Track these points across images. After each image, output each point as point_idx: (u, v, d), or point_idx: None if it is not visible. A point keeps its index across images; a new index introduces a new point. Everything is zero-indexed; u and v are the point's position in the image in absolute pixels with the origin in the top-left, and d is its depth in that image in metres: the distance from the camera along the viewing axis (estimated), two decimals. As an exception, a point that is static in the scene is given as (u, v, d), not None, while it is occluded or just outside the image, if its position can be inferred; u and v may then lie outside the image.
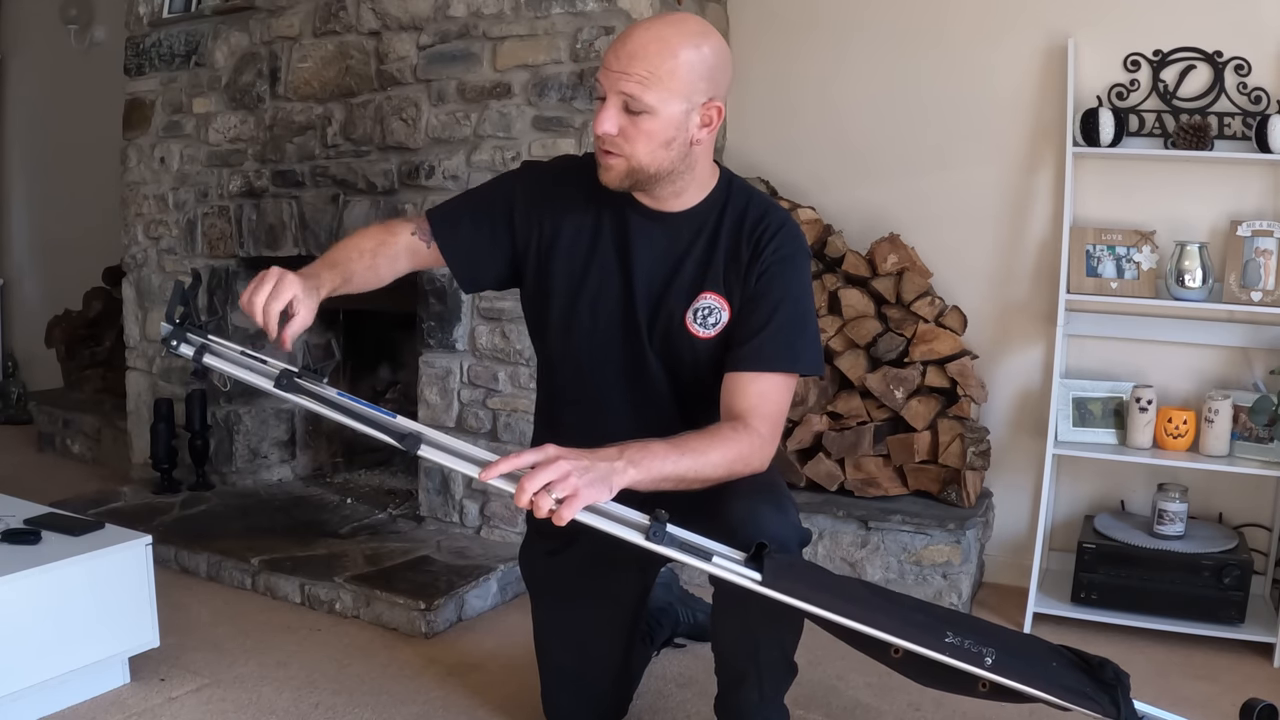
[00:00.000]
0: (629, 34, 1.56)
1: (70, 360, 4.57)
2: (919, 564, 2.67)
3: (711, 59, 1.56)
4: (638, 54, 1.52)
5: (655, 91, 1.52)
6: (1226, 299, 2.57)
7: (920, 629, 1.38)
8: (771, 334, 1.62)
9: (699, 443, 1.52)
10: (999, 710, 2.10)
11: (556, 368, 1.81)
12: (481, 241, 1.75)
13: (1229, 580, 2.46)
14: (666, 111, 1.54)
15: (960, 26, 2.90)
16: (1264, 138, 2.48)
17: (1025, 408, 2.92)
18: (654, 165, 1.59)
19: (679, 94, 1.54)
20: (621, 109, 1.55)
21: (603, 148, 1.59)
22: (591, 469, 1.38)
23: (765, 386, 1.61)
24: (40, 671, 1.99)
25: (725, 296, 1.66)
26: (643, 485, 1.44)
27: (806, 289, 1.68)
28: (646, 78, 1.52)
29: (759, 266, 1.64)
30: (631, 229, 1.70)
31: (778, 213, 1.70)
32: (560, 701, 1.95)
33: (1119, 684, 1.39)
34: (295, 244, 3.21)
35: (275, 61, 3.21)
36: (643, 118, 1.54)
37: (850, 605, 1.39)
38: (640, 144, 1.56)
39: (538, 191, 1.75)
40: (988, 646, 1.37)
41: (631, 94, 1.53)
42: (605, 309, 1.71)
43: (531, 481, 1.35)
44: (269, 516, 3.16)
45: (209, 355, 1.51)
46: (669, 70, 1.52)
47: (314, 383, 1.48)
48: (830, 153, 3.09)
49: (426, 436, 1.45)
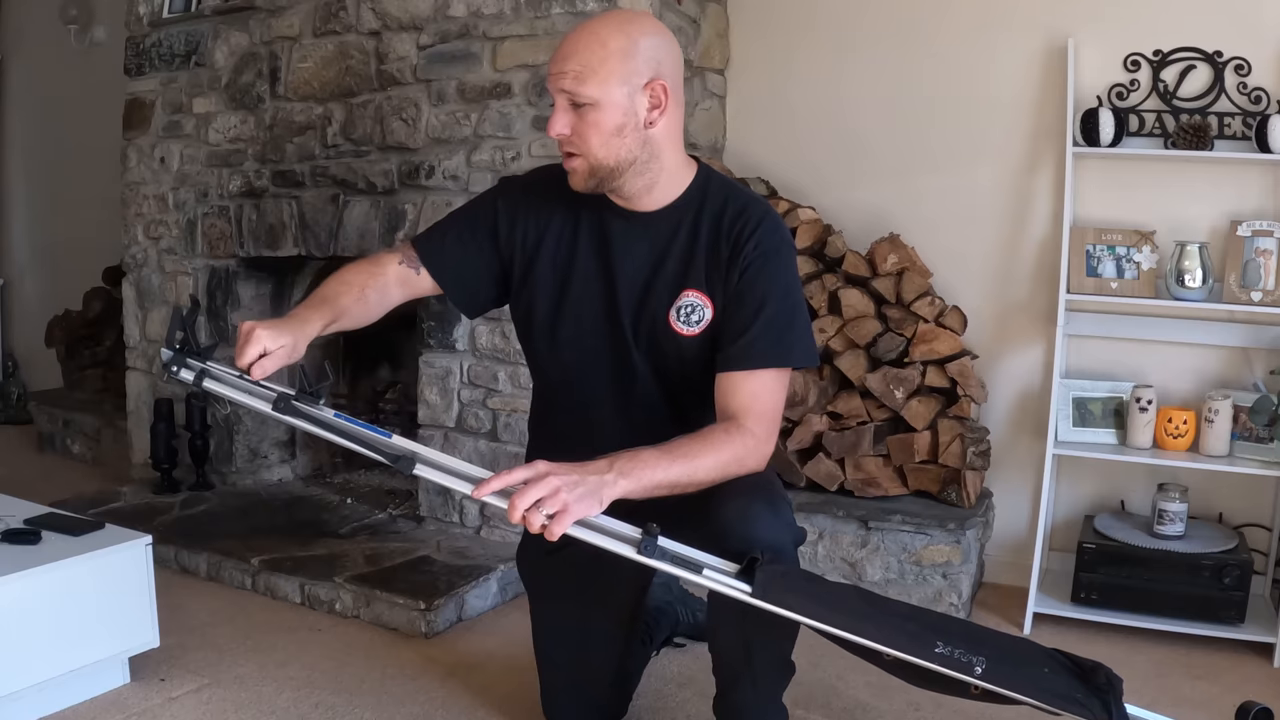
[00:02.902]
0: (567, 36, 1.61)
1: (70, 360, 4.57)
2: (919, 564, 2.67)
3: (643, 41, 1.58)
4: (570, 53, 1.57)
5: (592, 83, 1.55)
6: (1226, 299, 2.57)
7: (910, 638, 1.39)
8: (759, 331, 1.61)
9: (690, 447, 1.52)
10: (999, 711, 2.10)
11: (546, 374, 1.82)
12: (470, 260, 1.76)
13: (1229, 580, 2.46)
14: (609, 99, 1.56)
15: (960, 26, 2.90)
16: (1264, 138, 2.48)
17: (1025, 408, 2.92)
18: (613, 157, 1.60)
19: (617, 79, 1.56)
20: (569, 109, 1.58)
21: (563, 151, 1.62)
22: (581, 483, 1.39)
23: (757, 385, 1.61)
24: (40, 671, 1.99)
25: (707, 294, 1.66)
26: (635, 495, 1.45)
27: (792, 281, 1.67)
28: (581, 71, 1.55)
29: (740, 264, 1.63)
30: (611, 232, 1.70)
31: (757, 206, 1.68)
32: (560, 701, 1.95)
33: (1111, 689, 1.38)
34: (295, 244, 3.21)
35: (275, 61, 3.21)
36: (587, 110, 1.57)
37: (841, 616, 1.40)
38: (592, 137, 1.58)
39: (518, 204, 1.76)
40: (978, 655, 1.37)
41: (571, 90, 1.56)
42: (589, 314, 1.72)
43: (522, 499, 1.38)
44: (269, 516, 3.16)
45: (208, 380, 1.54)
46: (600, 60, 1.55)
47: (311, 405, 1.50)
48: (830, 153, 3.09)
49: (421, 456, 1.48)
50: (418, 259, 1.76)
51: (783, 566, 1.45)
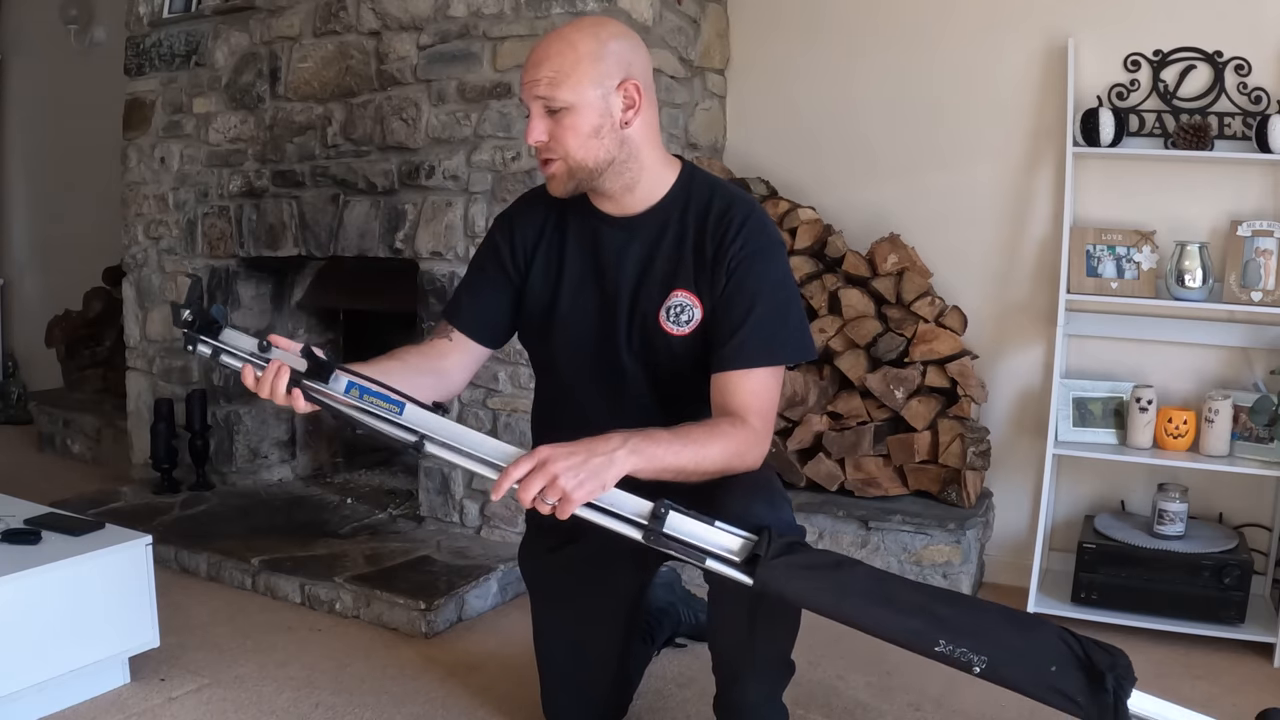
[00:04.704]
0: (533, 48, 1.63)
1: (70, 360, 4.57)
2: (919, 564, 2.67)
3: (613, 44, 1.61)
4: (541, 60, 1.60)
5: (565, 87, 1.58)
6: (1226, 299, 2.57)
7: (912, 634, 1.38)
8: (752, 329, 1.62)
9: (700, 434, 1.54)
10: (999, 711, 2.11)
11: (548, 377, 1.86)
12: (487, 304, 1.80)
13: (1229, 580, 2.46)
14: (583, 102, 1.59)
15: (960, 27, 2.91)
16: (1264, 138, 2.48)
17: (1025, 408, 2.92)
18: (591, 159, 1.62)
19: (589, 81, 1.59)
20: (544, 115, 1.61)
21: (541, 159, 1.65)
22: (583, 467, 1.40)
23: (754, 383, 1.62)
24: (40, 671, 1.99)
25: (696, 294, 1.67)
26: (644, 474, 1.45)
27: (782, 276, 1.68)
28: (554, 77, 1.58)
29: (728, 264, 1.64)
30: (598, 238, 1.72)
31: (742, 205, 1.69)
32: (559, 701, 1.95)
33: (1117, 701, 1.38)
34: (295, 244, 3.21)
35: (275, 61, 3.21)
36: (563, 115, 1.59)
37: (847, 597, 1.40)
38: (570, 140, 1.60)
39: (512, 227, 1.80)
40: (979, 654, 1.37)
41: (546, 95, 1.59)
42: (581, 318, 1.74)
43: (525, 493, 1.39)
44: (269, 516, 3.16)
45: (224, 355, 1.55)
46: (572, 64, 1.58)
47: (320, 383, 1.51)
48: (830, 153, 3.09)
49: (435, 436, 1.47)
50: (449, 327, 1.81)
51: (793, 537, 1.46)
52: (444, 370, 1.77)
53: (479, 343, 1.81)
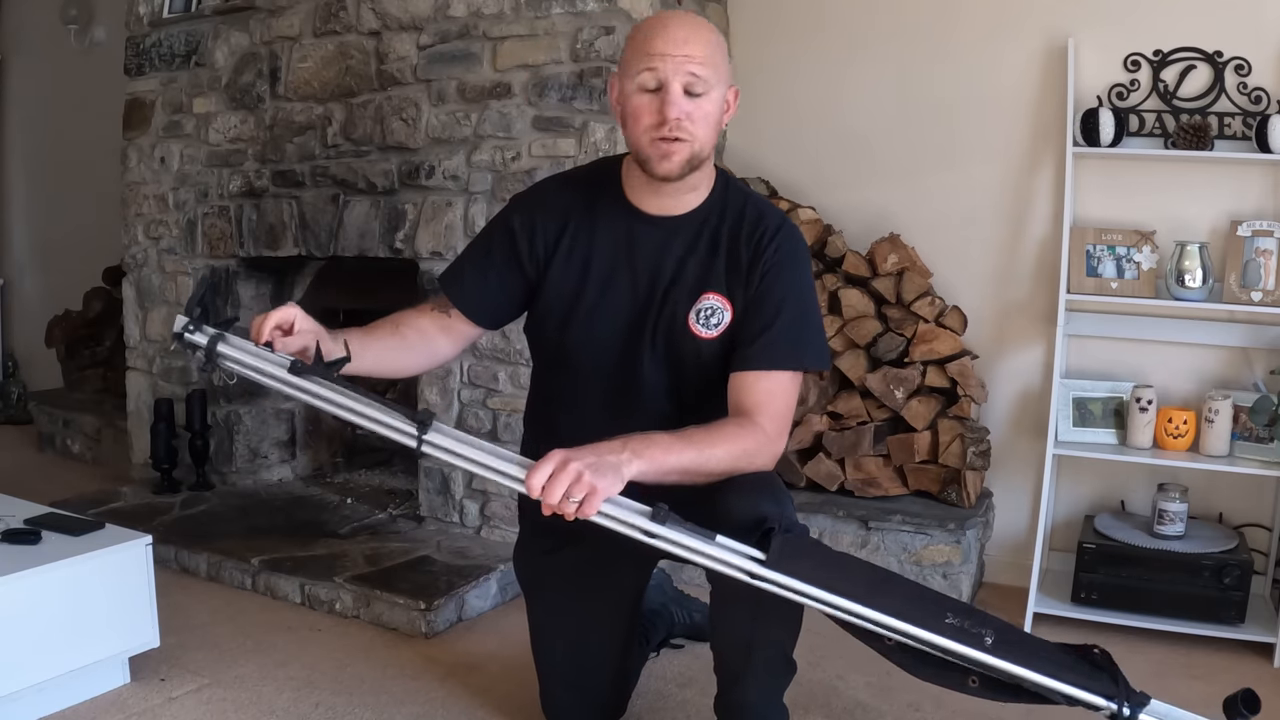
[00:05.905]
0: (669, 22, 1.60)
1: (70, 360, 4.57)
2: (919, 564, 2.67)
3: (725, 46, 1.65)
4: (689, 39, 1.57)
5: (710, 73, 1.58)
6: (1226, 299, 2.57)
7: (922, 610, 1.39)
8: (777, 333, 1.64)
9: (703, 435, 1.54)
10: (1000, 711, 2.10)
11: (554, 373, 1.83)
12: (491, 284, 1.78)
13: (1229, 580, 2.46)
14: (716, 94, 1.61)
15: (960, 27, 2.90)
16: (1264, 138, 2.48)
17: (1025, 408, 2.92)
18: (708, 148, 1.64)
19: (722, 77, 1.62)
20: (683, 94, 1.58)
21: (670, 135, 1.59)
22: (599, 463, 1.40)
23: (772, 385, 1.63)
24: (40, 671, 1.99)
25: (728, 297, 1.68)
26: (648, 477, 1.45)
27: (808, 286, 1.71)
28: (705, 60, 1.57)
29: (761, 268, 1.67)
30: (634, 235, 1.72)
31: (774, 214, 1.73)
32: (559, 701, 1.95)
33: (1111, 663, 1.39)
34: (295, 244, 3.21)
35: (275, 61, 3.21)
36: (702, 100, 1.59)
37: (852, 587, 1.40)
38: (701, 126, 1.60)
39: (533, 213, 1.77)
40: (987, 628, 1.38)
41: (697, 75, 1.57)
42: (608, 314, 1.73)
43: (551, 495, 1.37)
44: (269, 516, 3.16)
45: (222, 344, 1.52)
46: (716, 51, 1.60)
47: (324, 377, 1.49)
48: (830, 153, 3.09)
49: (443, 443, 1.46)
50: (448, 302, 1.79)
51: (796, 535, 1.46)
52: (437, 344, 1.78)
53: (478, 325, 1.80)
